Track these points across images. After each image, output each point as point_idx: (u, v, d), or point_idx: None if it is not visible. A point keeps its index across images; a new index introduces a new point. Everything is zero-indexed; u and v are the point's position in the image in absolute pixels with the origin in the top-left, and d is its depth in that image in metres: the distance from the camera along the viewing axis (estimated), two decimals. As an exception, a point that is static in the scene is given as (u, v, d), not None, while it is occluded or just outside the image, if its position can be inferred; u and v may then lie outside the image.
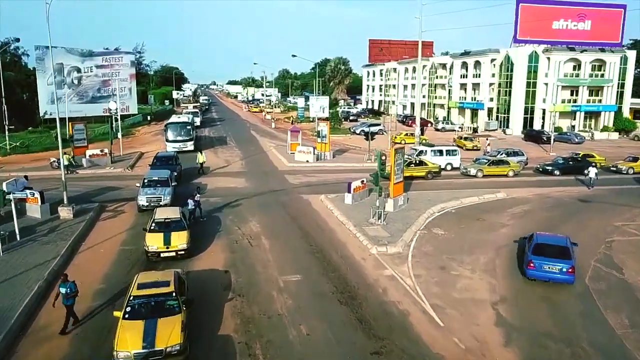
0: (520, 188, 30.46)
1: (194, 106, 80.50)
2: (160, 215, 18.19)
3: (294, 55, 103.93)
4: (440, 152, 36.05)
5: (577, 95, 62.74)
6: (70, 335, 12.57)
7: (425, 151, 35.75)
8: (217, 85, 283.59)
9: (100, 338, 12.32)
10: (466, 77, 71.27)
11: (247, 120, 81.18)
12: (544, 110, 61.62)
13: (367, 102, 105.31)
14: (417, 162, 32.81)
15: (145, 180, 24.26)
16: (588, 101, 63.06)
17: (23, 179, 23.64)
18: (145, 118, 70.66)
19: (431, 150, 35.97)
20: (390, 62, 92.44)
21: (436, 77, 79.17)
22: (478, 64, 68.19)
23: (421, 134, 47.84)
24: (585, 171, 31.76)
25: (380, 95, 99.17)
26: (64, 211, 21.52)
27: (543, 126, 60.76)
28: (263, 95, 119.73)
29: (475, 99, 69.34)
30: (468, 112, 71.03)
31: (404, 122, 69.18)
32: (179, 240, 17.05)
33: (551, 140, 48.90)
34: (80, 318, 13.22)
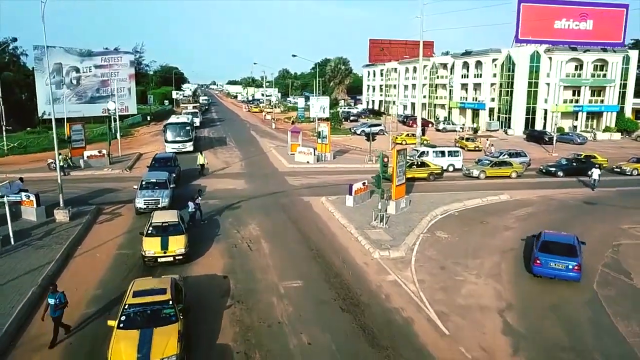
0: (523, 190, 30.05)
1: (194, 106, 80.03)
2: (158, 219, 17.78)
3: (294, 55, 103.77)
4: (442, 153, 35.62)
5: (579, 95, 62.34)
6: (63, 344, 12.15)
7: (427, 152, 35.35)
8: (217, 85, 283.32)
9: (95, 348, 11.89)
10: (467, 77, 70.86)
11: (247, 120, 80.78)
12: (546, 110, 61.25)
13: (368, 102, 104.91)
14: (419, 164, 32.39)
15: (143, 182, 23.82)
16: (590, 101, 62.64)
17: (18, 181, 23.27)
18: (145, 118, 70.27)
19: (433, 151, 35.56)
20: (391, 62, 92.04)
21: (437, 77, 78.74)
22: (479, 64, 67.79)
23: (422, 135, 47.46)
24: (589, 172, 31.35)
25: (381, 95, 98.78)
26: (60, 214, 21.09)
27: (545, 127, 60.40)
28: (263, 95, 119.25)
29: (476, 99, 68.95)
30: (469, 113, 70.61)
31: (404, 123, 68.88)
32: (177, 244, 16.63)
33: (553, 141, 48.47)
34: (74, 326, 12.82)
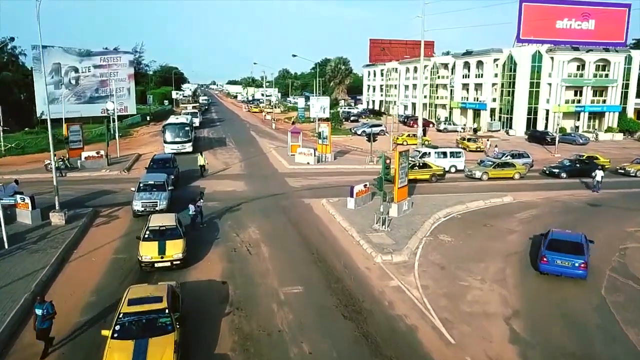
0: (527, 192, 29.64)
1: (193, 106, 79.55)
2: (155, 223, 17.37)
3: (294, 55, 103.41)
4: (444, 154, 35.21)
5: (581, 95, 61.98)
6: (55, 354, 11.74)
7: (429, 153, 34.95)
8: (217, 85, 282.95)
9: (88, 359, 11.49)
10: (468, 77, 70.44)
11: (247, 120, 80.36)
12: (548, 110, 60.84)
13: (368, 102, 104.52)
14: (421, 165, 31.97)
15: (141, 184, 23.41)
16: (592, 101, 62.30)
17: (13, 183, 22.87)
18: (145, 118, 69.84)
19: (435, 152, 35.15)
20: (391, 62, 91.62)
21: (438, 77, 78.33)
22: (480, 64, 67.37)
23: (423, 135, 47.08)
24: (593, 174, 30.95)
25: (381, 95, 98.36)
26: (56, 217, 20.69)
27: (546, 127, 60.02)
28: (263, 95, 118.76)
29: (477, 99, 68.55)
30: (470, 113, 70.19)
31: (405, 123, 68.53)
32: (175, 249, 16.20)
33: (556, 142, 48.06)
34: (67, 334, 12.43)
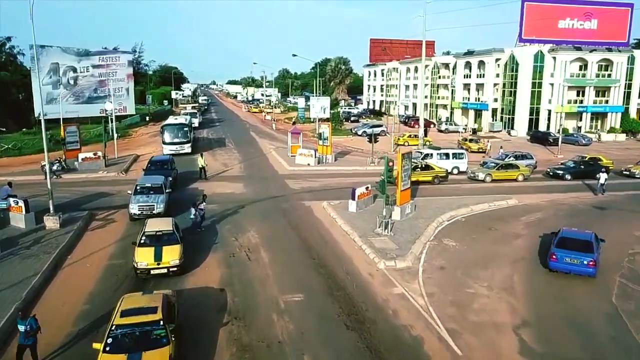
0: (531, 194, 29.13)
1: (193, 107, 78.91)
2: (151, 228, 16.84)
3: (294, 55, 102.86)
4: (447, 156, 34.66)
5: (584, 95, 61.42)
6: (46, 367, 11.27)
7: (431, 154, 34.41)
8: (217, 85, 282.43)
9: (80, 372, 11.03)
10: (470, 77, 69.89)
11: (247, 120, 79.85)
12: (550, 111, 60.31)
13: (368, 103, 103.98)
14: (423, 166, 31.46)
15: (138, 187, 22.85)
16: (594, 102, 61.75)
17: (7, 186, 22.31)
18: (144, 118, 69.31)
19: (437, 154, 34.61)
20: (392, 62, 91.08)
21: (439, 77, 77.81)
22: (482, 64, 66.84)
23: (424, 136, 46.57)
24: (597, 176, 30.40)
25: (382, 95, 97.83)
26: (50, 221, 20.14)
27: (548, 127, 59.52)
28: (263, 95, 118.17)
29: (479, 99, 68.00)
30: (472, 113, 69.65)
31: (406, 123, 68.05)
32: (171, 255, 15.68)
33: (559, 142, 47.54)
34: (59, 346, 11.92)
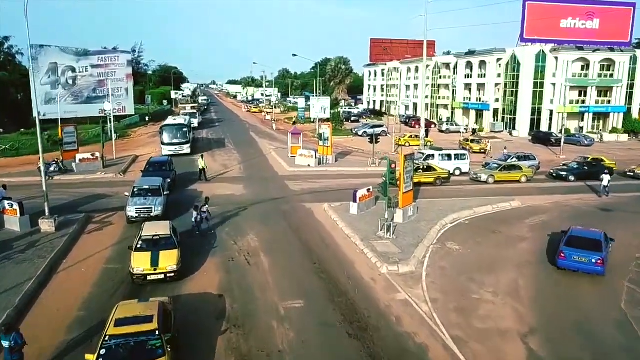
0: (534, 195, 28.72)
1: (192, 107, 78.33)
2: (148, 232, 16.41)
3: (294, 55, 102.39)
4: (449, 157, 34.25)
5: (586, 95, 61.06)
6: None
7: (433, 155, 34.00)
8: (217, 85, 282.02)
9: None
10: (471, 77, 69.53)
11: (247, 121, 79.45)
12: (552, 111, 59.93)
13: (369, 103, 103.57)
14: (425, 168, 31.06)
15: (135, 189, 22.43)
16: (597, 102, 61.36)
17: (1, 188, 21.92)
18: (143, 119, 68.91)
19: (439, 155, 34.20)
20: (392, 62, 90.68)
21: (440, 77, 77.42)
22: (483, 64, 66.44)
23: (425, 136, 46.16)
24: (601, 177, 29.95)
25: (382, 95, 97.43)
26: (45, 224, 19.73)
27: (550, 128, 59.13)
28: (263, 95, 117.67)
29: (480, 99, 67.62)
30: (473, 113, 69.27)
31: (406, 123, 67.68)
32: (169, 260, 15.26)
33: (561, 143, 47.11)
34: (52, 357, 11.53)
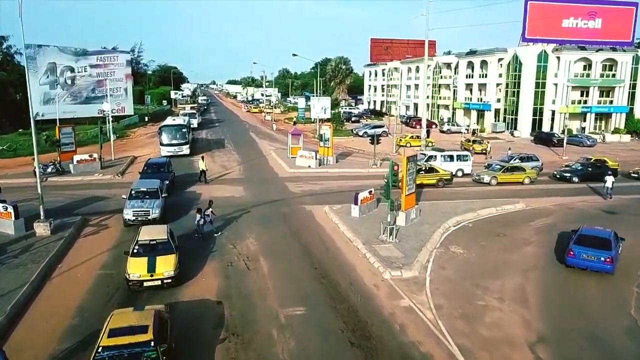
0: (538, 197, 28.31)
1: (192, 107, 77.88)
2: (145, 236, 15.98)
3: (294, 55, 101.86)
4: (451, 158, 33.80)
5: (588, 96, 60.61)
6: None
7: (435, 156, 33.58)
8: (217, 85, 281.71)
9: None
10: (472, 77, 69.10)
11: (246, 121, 79.07)
12: (553, 111, 59.53)
13: (369, 103, 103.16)
14: (427, 169, 30.64)
15: (133, 192, 22.03)
16: (599, 102, 60.90)
17: (-4, 191, 21.53)
18: (143, 119, 68.53)
19: (441, 156, 33.76)
20: (393, 62, 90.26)
21: (440, 77, 76.98)
22: (485, 64, 66.00)
23: (427, 137, 45.71)
24: (605, 178, 29.49)
25: (382, 95, 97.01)
26: (40, 227, 19.32)
27: (552, 128, 58.72)
28: (263, 95, 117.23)
29: (481, 99, 67.17)
30: (474, 114, 68.85)
31: (407, 124, 67.25)
32: (166, 266, 14.83)
33: (563, 143, 46.68)
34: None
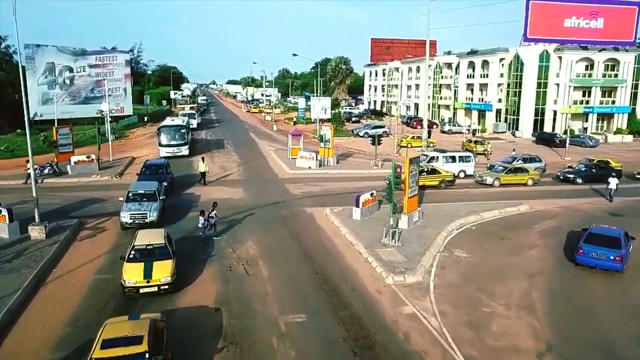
0: (542, 199, 27.91)
1: (191, 107, 77.39)
2: (141, 241, 15.55)
3: (294, 55, 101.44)
4: (453, 159, 33.40)
5: (590, 96, 60.22)
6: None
7: (437, 157, 33.19)
8: (217, 85, 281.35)
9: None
10: (473, 77, 68.74)
11: (246, 121, 78.66)
12: (555, 112, 59.14)
13: (369, 103, 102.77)
14: (429, 170, 30.25)
15: (130, 194, 21.58)
16: (601, 102, 60.53)
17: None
18: (142, 119, 68.12)
19: (443, 157, 33.37)
20: (393, 62, 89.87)
21: (441, 77, 76.65)
22: (486, 64, 65.64)
23: (428, 137, 45.32)
24: (609, 180, 29.06)
25: (383, 95, 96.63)
26: (35, 230, 18.90)
27: (554, 128, 58.34)
28: (263, 95, 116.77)
29: (482, 100, 66.79)
30: (475, 114, 68.46)
31: (408, 124, 66.79)
32: (163, 272, 14.41)
33: (566, 144, 46.29)
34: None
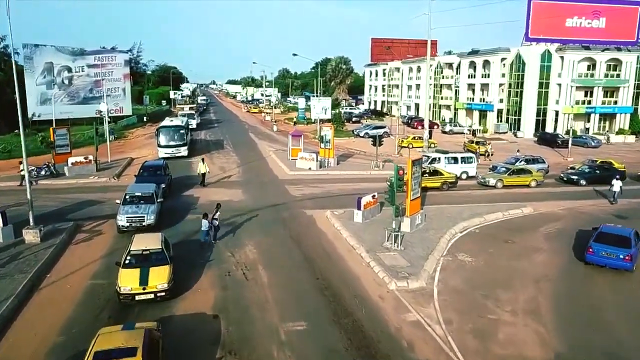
0: (546, 201, 27.47)
1: (191, 107, 76.90)
2: (138, 246, 15.10)
3: (294, 55, 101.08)
4: (455, 160, 32.96)
5: (592, 96, 59.70)
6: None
7: (439, 159, 32.78)
8: (217, 85, 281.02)
9: None
10: (474, 77, 68.29)
11: (246, 121, 78.27)
12: (557, 112, 58.68)
13: (370, 103, 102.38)
14: (431, 172, 29.84)
15: (127, 196, 21.15)
16: (603, 102, 60.03)
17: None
18: (141, 119, 67.75)
19: (445, 158, 32.94)
20: (393, 62, 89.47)
21: (442, 77, 76.21)
22: (487, 64, 65.21)
23: (429, 137, 44.94)
24: (612, 182, 28.62)
25: (383, 95, 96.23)
26: (30, 234, 18.49)
27: (556, 129, 57.88)
28: (263, 95, 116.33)
29: (483, 100, 66.37)
30: (476, 114, 68.03)
31: (408, 124, 66.34)
32: (159, 278, 14.00)
33: (568, 145, 45.88)
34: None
